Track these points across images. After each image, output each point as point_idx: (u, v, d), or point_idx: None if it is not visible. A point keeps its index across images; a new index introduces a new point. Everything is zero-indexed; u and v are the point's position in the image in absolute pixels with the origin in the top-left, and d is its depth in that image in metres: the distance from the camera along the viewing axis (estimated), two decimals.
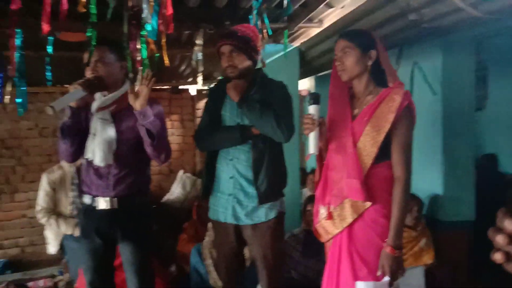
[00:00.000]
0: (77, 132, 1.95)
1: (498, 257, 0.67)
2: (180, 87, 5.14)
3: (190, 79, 4.87)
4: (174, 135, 5.06)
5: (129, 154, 1.98)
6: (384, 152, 1.65)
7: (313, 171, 4.12)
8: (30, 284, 3.56)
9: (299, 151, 3.50)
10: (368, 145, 1.65)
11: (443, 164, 2.93)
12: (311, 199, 2.93)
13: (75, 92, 1.80)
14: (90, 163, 1.97)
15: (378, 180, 1.67)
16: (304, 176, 4.63)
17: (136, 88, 1.87)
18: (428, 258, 2.81)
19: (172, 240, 3.42)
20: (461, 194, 2.95)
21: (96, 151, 1.93)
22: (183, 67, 4.26)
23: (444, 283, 2.69)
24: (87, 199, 2.02)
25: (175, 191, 4.67)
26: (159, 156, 1.95)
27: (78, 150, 1.99)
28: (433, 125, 2.96)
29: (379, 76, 1.73)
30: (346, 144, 1.69)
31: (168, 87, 5.10)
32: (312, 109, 1.71)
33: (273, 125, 1.88)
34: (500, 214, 0.69)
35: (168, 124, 5.09)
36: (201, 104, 4.99)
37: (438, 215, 3.00)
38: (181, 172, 4.85)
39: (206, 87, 5.01)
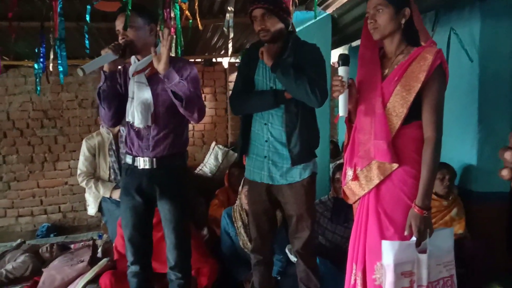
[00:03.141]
0: (113, 97, 2.03)
1: (505, 173, 0.70)
2: (213, 60, 5.19)
3: (222, 52, 4.91)
4: (207, 108, 5.13)
5: (166, 115, 2.04)
6: (414, 113, 1.63)
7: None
8: (71, 245, 3.77)
9: (330, 121, 3.49)
10: (398, 105, 1.64)
11: (478, 134, 2.85)
12: (339, 167, 2.94)
13: (105, 56, 1.86)
14: (131, 125, 2.07)
15: (407, 141, 1.66)
16: (335, 149, 4.62)
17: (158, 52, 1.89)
18: (458, 228, 2.79)
19: (204, 205, 3.54)
20: (496, 164, 2.86)
21: (135, 114, 2.02)
22: (215, 39, 4.30)
23: (476, 255, 2.67)
24: (128, 159, 2.12)
25: (208, 162, 4.79)
26: (192, 115, 1.99)
27: (117, 114, 2.08)
28: (469, 93, 2.87)
29: (411, 36, 1.70)
30: (375, 105, 1.69)
31: (201, 60, 5.17)
32: (341, 70, 1.71)
33: (307, 90, 1.90)
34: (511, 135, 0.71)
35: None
36: (234, 76, 5.03)
37: (471, 186, 2.94)
38: (213, 144, 4.95)
39: (238, 60, 5.05)
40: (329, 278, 2.54)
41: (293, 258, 2.64)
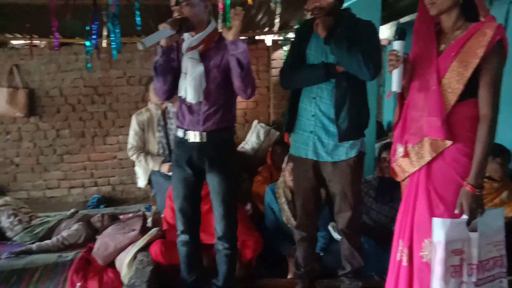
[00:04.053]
0: (168, 71, 2.10)
1: None
2: (256, 37, 5.17)
3: (266, 29, 4.89)
4: None
5: (217, 92, 2.09)
6: (470, 90, 1.59)
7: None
8: (120, 216, 3.95)
9: (377, 102, 3.43)
10: (454, 81, 1.60)
11: None
12: (386, 147, 2.91)
13: (163, 31, 1.91)
14: (183, 100, 2.13)
15: (461, 119, 1.63)
16: (380, 129, 4.55)
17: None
18: (509, 211, 2.71)
19: (248, 182, 3.61)
20: None
21: (188, 90, 2.07)
22: (260, 16, 4.28)
23: None
24: (180, 133, 2.19)
25: (250, 140, 4.83)
26: (246, 89, 2.03)
27: (171, 88, 2.15)
28: None
29: (470, 11, 1.65)
30: (430, 81, 1.66)
31: (244, 37, 5.17)
32: (396, 44, 1.69)
33: (360, 61, 1.88)
34: None
35: None
36: (276, 54, 5.02)
37: None
38: (255, 122, 4.98)
39: (281, 38, 5.02)
40: (372, 256, 2.56)
41: (336, 236, 2.67)
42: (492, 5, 2.76)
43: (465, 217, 1.60)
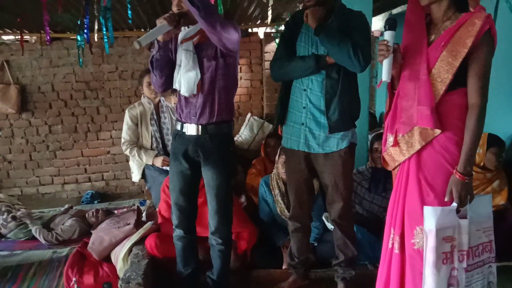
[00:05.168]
0: (165, 65, 2.09)
1: None
2: (249, 30, 5.17)
3: (258, 22, 4.88)
4: (242, 79, 5.17)
5: (211, 84, 2.07)
6: (459, 79, 1.61)
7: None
8: (115, 211, 3.95)
9: (369, 93, 3.44)
10: (443, 71, 1.62)
11: None
12: (378, 137, 2.93)
13: (160, 27, 1.89)
14: (179, 92, 2.12)
15: (451, 107, 1.65)
16: (373, 120, 4.57)
17: None
18: (500, 199, 2.76)
19: (242, 174, 3.62)
20: None
21: (182, 82, 2.06)
22: (252, 8, 4.27)
23: None
24: (178, 125, 2.19)
25: (244, 133, 4.85)
26: (214, 29, 1.88)
27: (168, 81, 2.14)
28: None
29: (459, 1, 1.66)
30: (420, 71, 1.67)
31: None
32: (387, 35, 1.70)
33: (350, 53, 1.88)
34: None
35: None
36: (269, 47, 5.01)
37: None
38: (249, 115, 4.99)
39: (274, 30, 5.01)
40: (366, 244, 2.59)
41: (330, 226, 2.69)
42: None
43: (455, 204, 1.62)
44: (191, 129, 2.13)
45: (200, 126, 2.11)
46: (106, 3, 2.13)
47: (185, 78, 2.04)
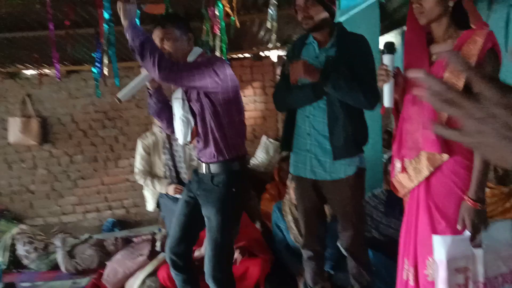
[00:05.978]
0: (161, 110, 2.06)
1: None
2: (262, 54, 5.20)
3: (270, 45, 4.90)
4: (257, 102, 5.18)
5: (204, 126, 1.99)
6: None
7: None
8: (134, 238, 3.98)
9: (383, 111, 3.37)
10: None
11: None
12: None
13: (142, 77, 1.83)
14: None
15: None
16: (390, 139, 4.47)
17: None
18: None
19: (256, 199, 3.58)
20: None
21: (176, 131, 2.03)
22: (262, 33, 4.30)
23: None
24: (196, 162, 2.19)
25: (259, 156, 4.82)
26: (154, 68, 1.73)
27: (171, 125, 2.10)
28: None
29: (460, 19, 1.61)
30: None
31: (249, 54, 5.20)
32: (386, 59, 1.65)
33: (361, 99, 1.86)
34: None
35: (250, 91, 5.21)
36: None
37: None
38: (264, 138, 4.97)
39: (286, 53, 5.03)
40: (382, 269, 2.49)
41: (345, 252, 2.60)
42: (491, 10, 2.71)
43: (468, 233, 1.54)
44: (201, 167, 2.10)
45: (204, 165, 2.07)
46: (109, 39, 2.17)
47: (178, 127, 2.00)
